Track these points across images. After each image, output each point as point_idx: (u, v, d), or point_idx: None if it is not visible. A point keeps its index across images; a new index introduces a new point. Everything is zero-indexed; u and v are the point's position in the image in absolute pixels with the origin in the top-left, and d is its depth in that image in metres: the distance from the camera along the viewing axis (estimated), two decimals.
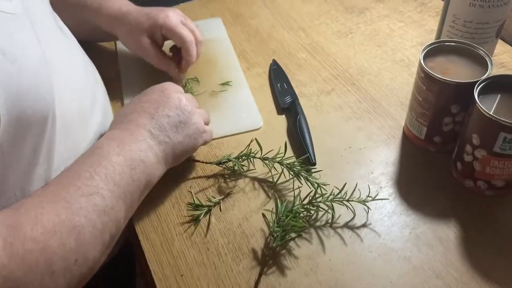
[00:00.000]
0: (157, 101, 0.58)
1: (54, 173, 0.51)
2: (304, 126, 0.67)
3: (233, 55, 0.83)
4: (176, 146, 0.57)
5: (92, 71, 0.64)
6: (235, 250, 0.56)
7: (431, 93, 0.59)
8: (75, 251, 0.43)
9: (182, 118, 0.58)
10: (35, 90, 0.45)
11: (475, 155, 0.56)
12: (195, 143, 0.60)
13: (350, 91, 0.75)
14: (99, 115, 0.61)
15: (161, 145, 0.55)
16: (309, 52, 0.83)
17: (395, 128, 0.69)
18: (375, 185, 0.62)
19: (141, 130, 0.55)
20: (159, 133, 0.56)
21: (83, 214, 0.45)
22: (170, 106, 0.58)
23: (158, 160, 0.55)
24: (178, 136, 0.57)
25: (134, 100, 0.60)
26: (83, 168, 0.49)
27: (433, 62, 0.61)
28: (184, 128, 0.58)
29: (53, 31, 0.58)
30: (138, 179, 0.52)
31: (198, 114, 0.61)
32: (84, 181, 0.47)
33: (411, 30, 0.86)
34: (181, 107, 0.59)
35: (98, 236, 0.46)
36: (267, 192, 0.62)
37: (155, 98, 0.59)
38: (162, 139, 0.56)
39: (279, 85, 0.76)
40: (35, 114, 0.45)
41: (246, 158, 0.64)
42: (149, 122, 0.56)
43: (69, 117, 0.54)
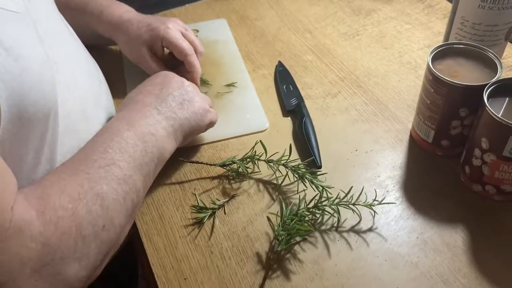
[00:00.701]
0: (160, 83, 0.61)
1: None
2: (310, 129, 0.66)
3: (238, 56, 0.82)
4: (183, 122, 0.59)
5: (95, 72, 0.64)
6: (239, 253, 0.55)
7: (439, 96, 0.58)
8: (101, 217, 0.46)
9: (186, 96, 0.60)
10: (38, 89, 0.45)
11: (484, 159, 0.56)
12: (202, 119, 0.61)
13: (356, 94, 0.74)
14: (103, 116, 0.60)
15: (169, 120, 0.57)
16: (315, 54, 0.82)
17: (402, 131, 0.68)
18: (382, 188, 0.61)
19: (148, 107, 0.57)
20: (165, 110, 0.58)
21: (104, 183, 0.47)
22: (173, 87, 0.60)
23: (168, 134, 0.56)
24: (184, 113, 0.59)
25: (138, 86, 0.62)
26: (96, 145, 0.50)
27: (442, 64, 0.60)
28: (189, 106, 0.60)
29: (59, 31, 0.58)
30: (151, 151, 0.54)
31: (201, 97, 0.63)
32: (99, 155, 0.49)
33: (418, 32, 0.85)
34: (184, 88, 0.61)
35: (122, 202, 0.48)
36: (272, 194, 0.61)
37: (158, 81, 0.61)
38: (169, 114, 0.57)
39: (285, 87, 0.75)
40: (37, 113, 0.45)
41: (251, 160, 0.63)
42: (155, 101, 0.58)
43: (72, 117, 0.53)
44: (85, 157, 0.49)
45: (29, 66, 0.44)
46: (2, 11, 0.45)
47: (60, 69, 0.53)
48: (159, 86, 0.60)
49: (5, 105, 0.42)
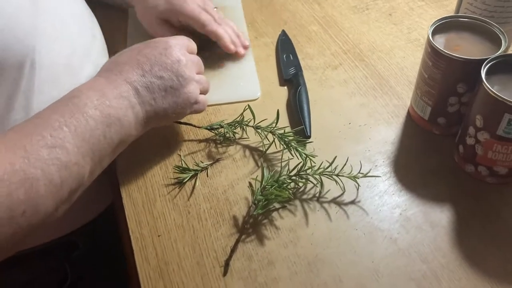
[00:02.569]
0: (155, 58, 0.54)
1: None
2: (304, 98, 0.65)
3: (242, 23, 0.81)
4: (159, 111, 0.54)
5: (90, 27, 0.63)
6: (216, 215, 0.54)
7: (437, 70, 0.56)
8: (24, 202, 0.41)
9: (175, 84, 0.54)
10: (10, 34, 0.44)
11: (477, 138, 0.53)
12: (181, 112, 0.56)
13: (358, 67, 0.72)
14: (91, 70, 0.59)
15: (145, 106, 0.52)
16: (321, 25, 0.80)
17: (400, 108, 0.66)
18: (371, 163, 0.59)
19: (127, 85, 0.51)
20: (145, 94, 0.52)
21: (40, 166, 0.42)
22: (166, 68, 0.54)
23: (137, 120, 0.52)
24: (164, 101, 0.53)
25: (133, 48, 0.56)
26: (53, 117, 0.45)
27: (444, 37, 0.58)
28: (173, 95, 0.54)
29: None
30: (111, 137, 0.49)
31: (195, 83, 0.57)
32: (50, 131, 0.44)
33: (431, 10, 0.82)
34: (178, 72, 0.55)
35: (54, 190, 0.44)
36: (257, 161, 0.60)
37: (154, 55, 0.54)
38: (147, 100, 0.52)
39: (285, 56, 0.74)
40: (9, 58, 0.45)
41: (239, 125, 0.62)
42: (138, 79, 0.52)
43: (55, 68, 0.53)
44: (34, 130, 0.44)
45: (3, 11, 0.43)
46: None
47: (49, 18, 0.53)
48: (151, 61, 0.54)
49: None
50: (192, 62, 0.57)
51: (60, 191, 0.44)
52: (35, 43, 0.49)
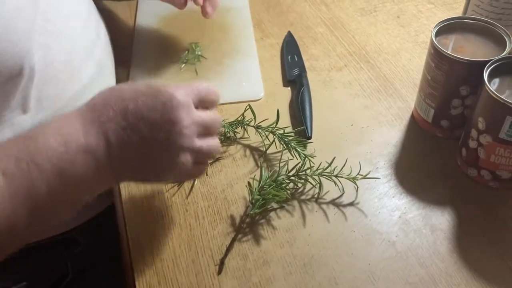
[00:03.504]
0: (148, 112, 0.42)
1: (30, 120, 0.51)
2: (306, 99, 0.64)
3: (249, 24, 0.81)
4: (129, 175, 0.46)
5: (94, 25, 0.64)
6: (214, 214, 0.54)
7: (440, 72, 0.55)
8: None
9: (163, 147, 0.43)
10: (6, 37, 0.44)
11: (480, 141, 0.52)
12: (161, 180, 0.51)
13: (363, 69, 0.71)
14: (92, 68, 0.60)
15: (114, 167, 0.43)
16: (327, 27, 0.79)
17: (404, 110, 0.65)
18: (371, 165, 0.58)
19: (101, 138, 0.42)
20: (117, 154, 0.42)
21: None
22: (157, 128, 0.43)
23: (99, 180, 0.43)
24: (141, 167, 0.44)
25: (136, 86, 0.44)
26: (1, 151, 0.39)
27: (448, 39, 0.57)
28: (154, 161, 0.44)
29: None
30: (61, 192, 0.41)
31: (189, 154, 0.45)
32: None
33: (440, 13, 0.81)
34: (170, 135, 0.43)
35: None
36: (257, 161, 0.60)
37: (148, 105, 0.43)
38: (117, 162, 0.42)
39: (290, 57, 0.73)
40: (5, 60, 0.45)
41: (240, 125, 0.62)
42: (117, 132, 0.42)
43: (55, 66, 0.53)
44: None
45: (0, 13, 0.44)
46: None
47: (50, 17, 0.53)
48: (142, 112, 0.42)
49: None
50: (197, 125, 0.45)
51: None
52: (32, 44, 0.49)
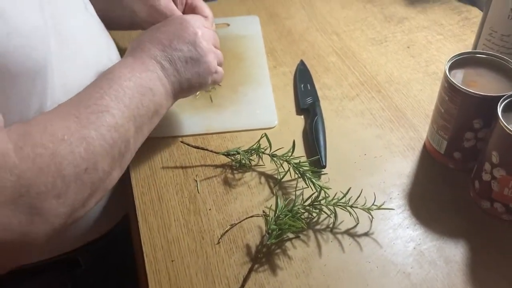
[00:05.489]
0: (173, 33, 0.59)
1: None
2: (320, 128, 0.65)
3: (262, 52, 0.82)
4: (183, 82, 0.58)
5: (106, 49, 0.65)
6: (230, 242, 0.55)
7: (453, 105, 0.56)
8: (85, 159, 0.46)
9: (194, 54, 0.59)
10: (24, 52, 0.46)
11: (493, 174, 0.53)
12: (204, 82, 0.61)
13: (374, 98, 0.73)
14: None
15: (170, 77, 0.57)
16: (339, 56, 0.81)
17: (416, 140, 0.66)
18: (385, 195, 0.59)
19: (152, 60, 0.56)
20: (168, 66, 0.57)
21: (93, 128, 0.47)
22: (184, 41, 0.59)
23: (166, 92, 0.56)
24: (187, 72, 0.58)
25: (153, 28, 0.61)
26: (94, 90, 0.51)
27: (461, 72, 0.58)
28: (194, 65, 0.59)
29: (74, 6, 0.59)
30: (147, 105, 0.53)
31: (213, 54, 0.61)
32: (94, 101, 0.49)
33: (450, 44, 0.82)
34: (195, 43, 0.59)
35: (108, 149, 0.48)
36: (272, 189, 0.60)
37: (171, 30, 0.59)
38: (171, 72, 0.57)
39: (303, 85, 0.75)
40: (21, 74, 0.47)
41: (255, 152, 0.63)
42: (160, 54, 0.57)
43: (69, 89, 0.54)
44: (79, 102, 0.49)
45: (18, 30, 0.46)
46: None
47: (64, 40, 0.55)
48: (170, 36, 0.58)
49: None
50: (208, 35, 0.61)
51: (112, 150, 0.49)
52: (47, 63, 0.51)
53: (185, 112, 0.70)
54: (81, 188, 0.46)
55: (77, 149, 0.45)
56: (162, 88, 0.56)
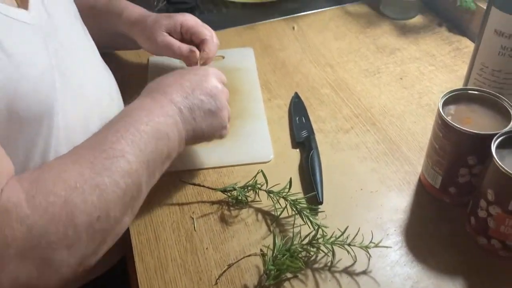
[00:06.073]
0: (196, 83, 0.60)
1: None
2: (316, 163, 0.66)
3: (257, 85, 0.83)
4: (197, 130, 0.59)
5: (108, 88, 0.66)
6: (228, 283, 0.54)
7: (447, 142, 0.57)
8: (97, 207, 0.46)
9: (213, 107, 0.60)
10: (33, 96, 0.47)
11: (489, 212, 0.53)
12: (214, 134, 0.62)
13: (369, 131, 0.73)
14: None
15: (186, 125, 0.57)
16: (333, 88, 0.82)
17: (411, 174, 0.66)
18: (382, 231, 0.59)
19: (172, 105, 0.57)
20: (187, 113, 0.57)
21: (106, 175, 0.47)
22: (206, 92, 0.60)
23: (181, 138, 0.57)
24: (202, 122, 0.59)
25: (175, 73, 0.62)
26: (110, 133, 0.51)
27: (454, 109, 0.59)
28: (210, 117, 0.60)
29: (77, 44, 0.61)
30: (161, 150, 0.54)
31: (227, 110, 0.63)
32: (110, 145, 0.49)
33: (441, 75, 0.84)
34: (216, 97, 0.60)
35: (121, 195, 0.48)
36: (269, 226, 0.60)
37: (195, 79, 0.61)
38: (189, 119, 0.58)
39: (297, 118, 0.75)
40: (29, 118, 0.48)
41: (252, 189, 0.63)
42: (181, 100, 0.58)
43: (73, 129, 0.55)
44: (95, 145, 0.49)
45: (28, 74, 0.47)
46: (14, 21, 0.49)
47: (68, 80, 0.56)
48: (193, 85, 0.60)
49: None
50: (226, 92, 0.64)
51: (125, 197, 0.49)
52: (54, 105, 0.52)
53: None
54: (93, 237, 0.46)
55: (90, 197, 0.45)
56: (177, 133, 0.56)
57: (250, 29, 0.98)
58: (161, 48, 0.74)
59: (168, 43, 0.73)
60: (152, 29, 0.73)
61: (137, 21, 0.75)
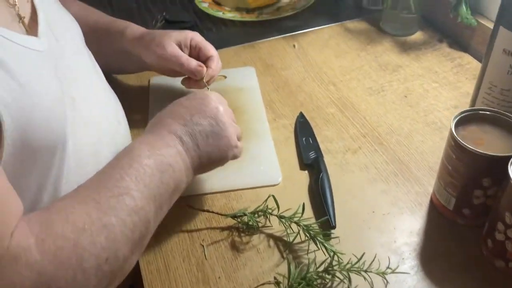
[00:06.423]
0: (195, 108, 0.59)
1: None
2: (326, 186, 0.65)
3: (261, 105, 0.82)
4: (203, 156, 0.57)
5: (114, 112, 0.65)
6: None
7: (461, 163, 0.56)
8: (106, 249, 0.45)
9: (215, 128, 0.58)
10: (46, 126, 0.46)
11: (507, 235, 0.52)
12: (224, 156, 0.60)
13: (377, 151, 0.72)
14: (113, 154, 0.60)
15: (190, 152, 0.56)
16: (338, 107, 0.81)
17: (422, 195, 0.66)
18: (397, 255, 0.58)
19: (172, 135, 0.55)
20: (189, 141, 0.56)
21: (113, 214, 0.46)
22: (205, 115, 0.58)
23: (186, 168, 0.55)
24: (207, 147, 0.57)
25: (174, 103, 0.61)
26: (114, 171, 0.50)
27: (466, 130, 0.58)
28: (214, 139, 0.58)
29: (83, 68, 0.60)
30: (167, 182, 0.52)
31: (233, 128, 0.61)
32: (114, 183, 0.48)
33: (446, 92, 0.83)
34: (217, 118, 0.59)
35: (129, 234, 0.47)
36: (282, 252, 0.59)
37: (193, 105, 0.59)
38: (191, 146, 0.56)
39: (304, 139, 0.74)
40: (42, 148, 0.47)
41: (263, 214, 0.62)
42: (181, 128, 0.56)
43: (83, 156, 0.54)
44: (99, 184, 0.48)
45: (41, 103, 0.46)
46: (24, 49, 0.48)
47: (77, 106, 0.55)
48: (192, 111, 0.58)
49: (10, 139, 0.43)
50: (228, 111, 0.62)
51: (133, 235, 0.48)
52: (66, 133, 0.51)
53: None
54: (101, 279, 0.45)
55: (98, 239, 0.44)
56: (182, 163, 0.55)
57: (250, 47, 0.97)
58: (169, 58, 0.72)
59: (177, 53, 0.72)
60: (162, 39, 0.72)
61: (143, 35, 0.74)
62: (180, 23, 1.04)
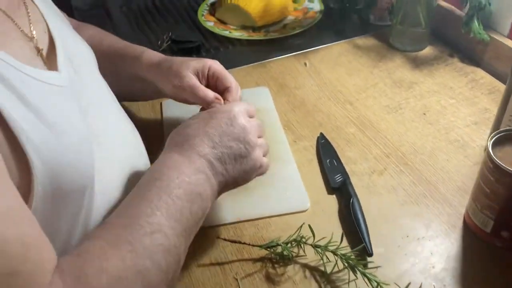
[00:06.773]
0: (222, 129, 0.56)
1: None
2: (358, 211, 0.63)
3: (279, 126, 0.81)
4: (229, 180, 0.56)
5: (135, 142, 0.63)
6: None
7: (501, 186, 0.55)
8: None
9: (243, 152, 0.56)
10: (75, 167, 0.44)
11: None
12: (248, 178, 0.59)
13: (403, 172, 0.71)
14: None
15: (218, 177, 0.54)
16: (357, 127, 0.80)
17: (454, 216, 0.64)
18: (438, 281, 0.57)
19: (201, 159, 0.53)
20: (218, 165, 0.54)
21: (147, 256, 0.44)
22: (234, 137, 0.56)
23: (213, 193, 0.54)
24: (234, 171, 0.56)
25: (198, 120, 0.57)
26: (143, 204, 0.48)
27: (501, 151, 0.57)
28: (242, 163, 0.56)
29: (102, 99, 0.58)
30: (196, 213, 0.51)
31: (259, 148, 0.59)
32: (145, 219, 0.46)
33: (463, 108, 0.83)
34: (245, 140, 0.57)
35: (163, 276, 0.46)
36: (320, 282, 0.57)
37: (221, 125, 0.56)
38: (220, 171, 0.54)
39: (328, 161, 0.73)
40: (72, 192, 0.45)
41: (297, 244, 0.60)
42: (210, 151, 0.54)
43: (110, 191, 0.52)
44: (130, 221, 0.46)
45: (70, 143, 0.44)
46: (46, 86, 0.46)
47: (101, 141, 0.53)
48: (220, 131, 0.56)
49: (41, 184, 0.41)
50: (254, 126, 0.59)
51: (167, 276, 0.46)
52: (94, 171, 0.49)
53: None
54: None
55: (134, 286, 0.43)
56: (210, 190, 0.53)
57: (261, 67, 0.96)
58: (186, 89, 0.68)
59: (194, 84, 0.68)
60: (180, 68, 0.69)
61: (160, 62, 0.70)
62: (187, 43, 1.02)
